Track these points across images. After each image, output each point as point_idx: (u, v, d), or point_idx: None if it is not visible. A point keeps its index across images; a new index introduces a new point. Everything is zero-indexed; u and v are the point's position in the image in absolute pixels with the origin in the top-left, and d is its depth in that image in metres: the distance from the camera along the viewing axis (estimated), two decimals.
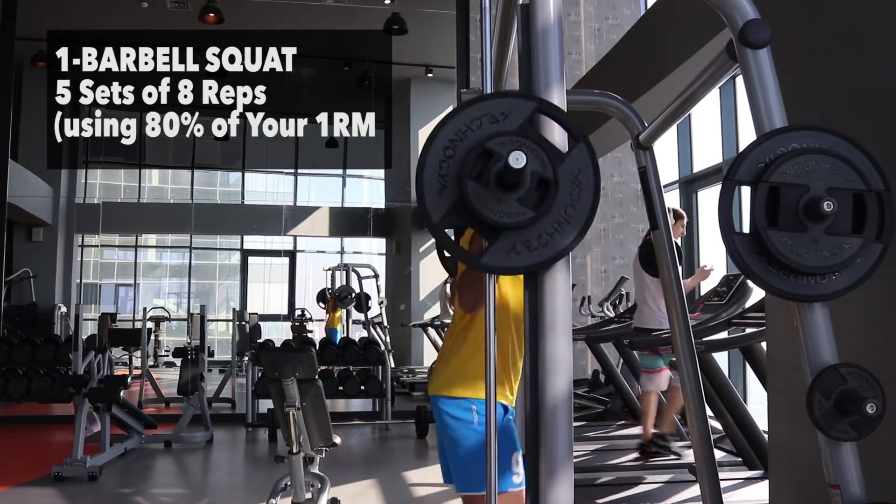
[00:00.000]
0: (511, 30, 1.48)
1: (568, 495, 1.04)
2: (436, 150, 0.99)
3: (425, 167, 0.99)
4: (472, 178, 0.96)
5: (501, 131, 0.98)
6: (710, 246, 7.44)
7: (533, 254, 0.98)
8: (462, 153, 0.98)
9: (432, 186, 0.98)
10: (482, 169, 0.96)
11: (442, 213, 0.98)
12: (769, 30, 1.31)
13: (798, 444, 2.22)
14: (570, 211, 0.99)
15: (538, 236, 0.98)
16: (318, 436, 3.33)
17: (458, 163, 0.98)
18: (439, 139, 1.00)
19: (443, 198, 0.98)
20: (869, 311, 1.82)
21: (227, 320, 10.60)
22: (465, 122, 1.00)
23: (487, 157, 0.96)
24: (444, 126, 1.00)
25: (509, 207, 0.96)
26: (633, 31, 5.32)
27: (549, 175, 0.96)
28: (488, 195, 0.96)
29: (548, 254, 0.99)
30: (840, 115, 2.01)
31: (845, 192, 1.17)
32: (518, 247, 0.98)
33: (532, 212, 0.96)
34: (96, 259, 10.65)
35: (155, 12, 8.73)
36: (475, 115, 1.00)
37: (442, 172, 0.99)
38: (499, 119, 1.00)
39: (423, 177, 0.99)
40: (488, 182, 0.96)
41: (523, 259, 0.99)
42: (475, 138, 0.99)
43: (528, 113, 1.00)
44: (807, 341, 1.23)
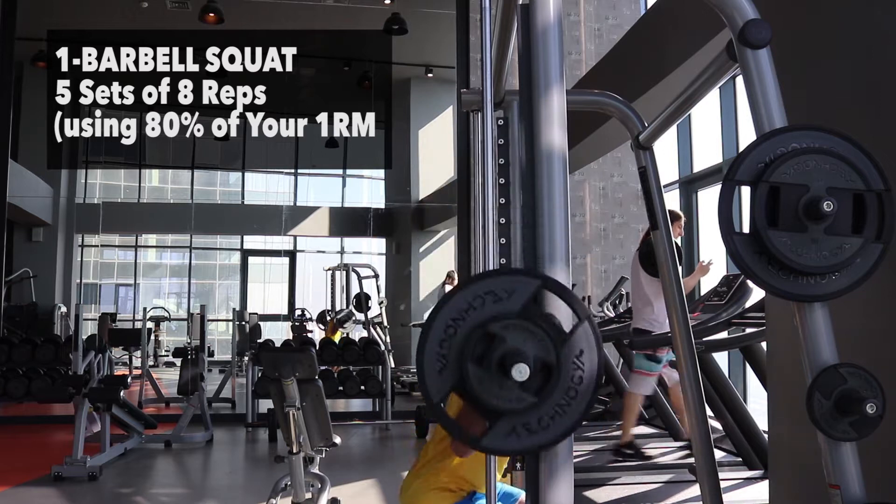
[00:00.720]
0: (511, 30, 1.48)
1: (568, 495, 1.04)
2: (437, 329, 0.98)
3: (426, 345, 0.98)
4: (474, 361, 0.96)
5: (504, 313, 0.97)
6: (710, 246, 7.44)
7: (533, 437, 0.98)
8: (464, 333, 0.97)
9: (433, 366, 0.97)
10: (484, 351, 0.96)
11: (443, 393, 0.97)
12: (769, 30, 1.31)
13: (798, 444, 2.22)
14: (571, 393, 0.98)
15: (539, 419, 0.98)
16: (318, 436, 3.34)
17: (460, 344, 0.97)
18: (441, 317, 0.98)
19: (443, 377, 0.97)
20: (869, 311, 1.82)
21: (227, 320, 10.60)
22: (467, 301, 0.99)
23: (490, 339, 0.96)
24: (446, 304, 0.99)
25: (511, 393, 0.95)
26: (633, 31, 5.32)
27: (552, 360, 0.95)
28: (489, 380, 0.95)
29: (548, 437, 0.98)
30: (840, 115, 2.01)
31: (845, 192, 1.17)
32: (518, 429, 0.98)
33: (534, 398, 0.96)
34: (96, 259, 10.65)
35: (155, 12, 8.73)
36: (478, 293, 0.99)
37: (443, 352, 0.97)
38: (502, 297, 0.99)
39: (424, 355, 0.98)
40: (490, 366, 0.95)
41: (523, 441, 0.98)
42: (477, 319, 0.98)
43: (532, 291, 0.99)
44: (807, 341, 1.23)
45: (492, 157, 1.48)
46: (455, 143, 8.41)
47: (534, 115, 1.11)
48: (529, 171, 1.13)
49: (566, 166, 1.10)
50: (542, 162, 1.10)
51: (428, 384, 0.97)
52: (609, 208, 8.47)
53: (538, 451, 1.02)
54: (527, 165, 1.15)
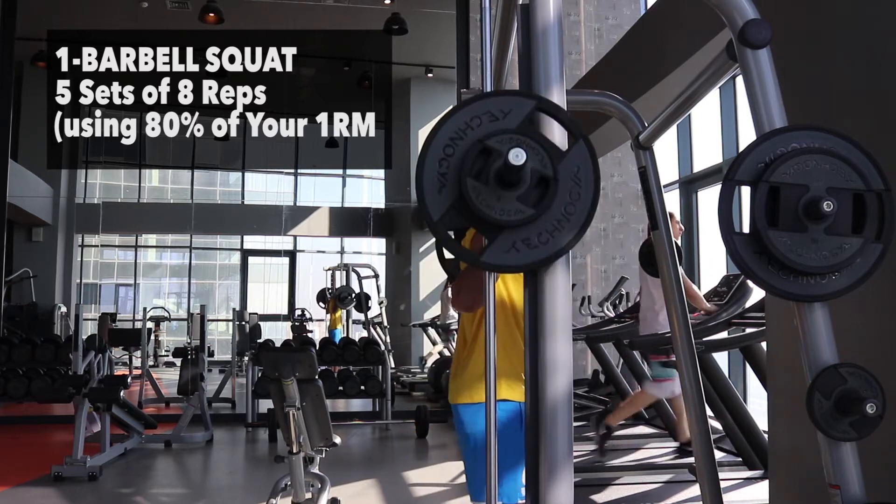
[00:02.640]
0: (511, 30, 1.48)
1: (568, 495, 1.04)
2: (435, 148, 0.99)
3: (425, 165, 0.98)
4: (472, 176, 0.96)
5: (501, 129, 0.98)
6: (710, 246, 7.44)
7: (533, 251, 0.98)
8: (462, 151, 0.98)
9: (432, 185, 0.98)
10: (482, 167, 0.96)
11: (442, 211, 0.97)
12: (769, 30, 1.31)
13: (798, 444, 2.22)
14: (569, 209, 0.98)
15: (538, 234, 0.98)
16: (318, 436, 3.33)
17: (458, 161, 0.97)
18: (439, 137, 0.99)
19: (443, 196, 0.98)
20: (869, 311, 1.82)
21: (227, 320, 10.61)
22: (464, 120, 0.99)
23: (487, 154, 0.96)
24: (444, 124, 1.00)
25: (509, 205, 0.95)
26: (633, 31, 5.32)
27: (549, 173, 0.96)
28: (488, 193, 0.95)
29: (548, 252, 0.99)
30: (840, 115, 2.01)
31: (845, 192, 1.17)
32: (518, 245, 0.98)
33: (532, 210, 0.96)
34: (96, 259, 10.66)
35: (155, 12, 8.73)
36: (475, 113, 1.00)
37: (441, 171, 0.98)
38: (498, 117, 0.99)
39: (423, 175, 0.98)
40: (488, 180, 0.95)
41: (523, 257, 0.98)
42: (475, 136, 0.98)
43: (527, 111, 1.00)
44: (807, 341, 1.23)
45: None
46: None
47: None
48: None
49: None
50: None
51: (428, 203, 0.98)
52: (609, 208, 8.46)
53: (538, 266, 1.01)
54: None
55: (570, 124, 1.01)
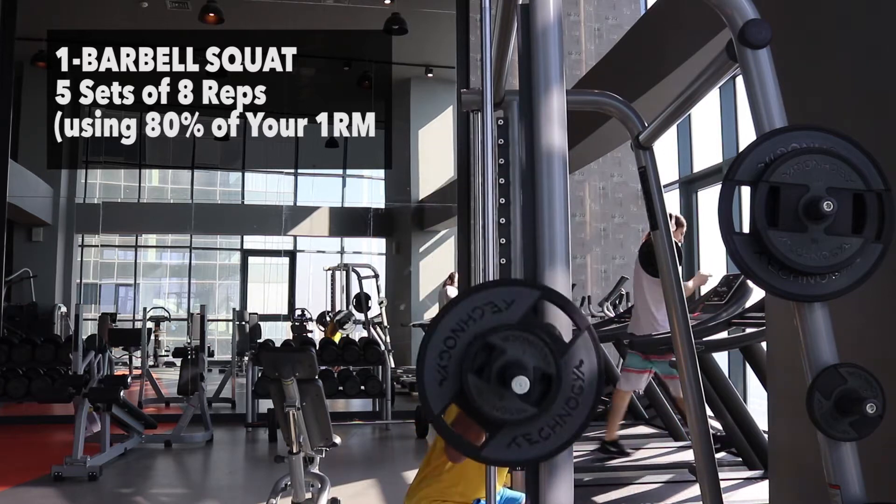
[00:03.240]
0: (511, 30, 1.48)
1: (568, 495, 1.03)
2: (437, 340, 0.97)
3: (426, 357, 0.97)
4: (473, 373, 0.95)
5: (503, 324, 0.97)
6: (710, 246, 7.44)
7: (534, 447, 0.98)
8: (463, 345, 0.97)
9: (433, 378, 0.97)
10: (484, 363, 0.95)
11: (442, 405, 0.97)
12: (769, 30, 1.31)
13: (798, 444, 2.22)
14: (571, 403, 0.97)
15: (540, 430, 0.97)
16: (318, 436, 3.34)
17: (460, 355, 0.97)
18: (440, 328, 0.98)
19: (443, 389, 0.97)
20: (869, 311, 1.82)
21: (227, 320, 10.61)
22: (466, 312, 0.99)
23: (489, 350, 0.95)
24: (446, 315, 0.98)
25: (511, 404, 0.94)
26: (633, 31, 5.32)
27: (552, 371, 0.95)
28: (489, 391, 0.95)
29: (549, 447, 0.98)
30: (840, 115, 2.01)
31: (845, 192, 1.17)
32: (519, 440, 0.97)
33: (534, 409, 0.95)
34: (96, 259, 10.66)
35: (155, 12, 8.73)
36: (477, 304, 0.99)
37: (442, 363, 0.97)
38: (501, 308, 0.99)
39: (424, 367, 0.97)
40: (490, 378, 0.95)
41: (524, 452, 0.98)
42: (476, 330, 0.98)
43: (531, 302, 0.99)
44: (807, 341, 1.23)
45: (492, 157, 1.48)
46: (455, 143, 8.41)
47: (534, 115, 1.11)
48: (529, 171, 1.13)
49: (566, 166, 1.10)
50: (542, 162, 1.10)
51: (428, 396, 0.97)
52: (609, 208, 8.46)
53: (538, 461, 1.01)
54: (527, 165, 1.15)
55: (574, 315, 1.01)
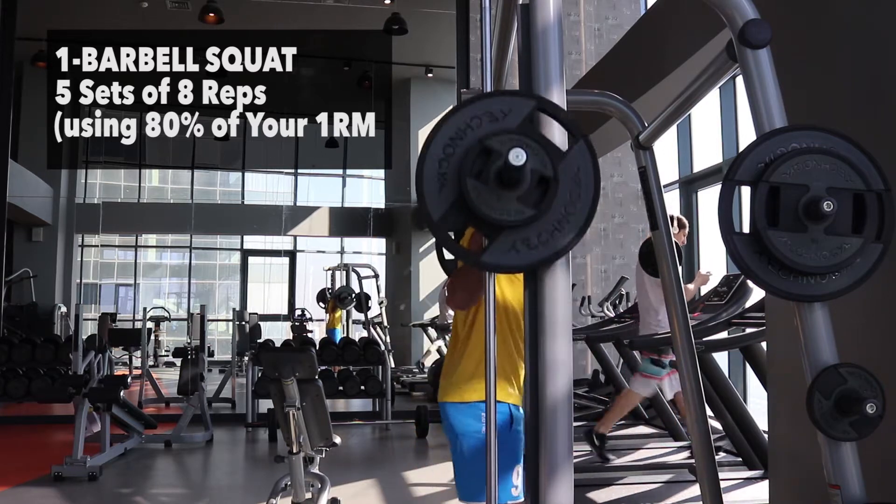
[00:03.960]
0: (511, 30, 1.48)
1: (568, 495, 1.04)
2: (435, 148, 0.98)
3: (425, 165, 0.98)
4: (472, 176, 0.96)
5: (501, 129, 0.98)
6: (710, 246, 7.44)
7: (533, 252, 0.98)
8: (462, 151, 0.98)
9: (432, 185, 0.98)
10: (482, 167, 0.96)
11: (442, 211, 0.97)
12: (769, 30, 1.31)
13: (798, 444, 2.22)
14: (569, 209, 0.98)
15: (538, 234, 0.98)
16: (318, 436, 3.33)
17: (458, 161, 0.97)
18: (439, 137, 0.99)
19: (443, 196, 0.98)
20: (869, 311, 1.82)
21: (227, 320, 10.61)
22: (464, 121, 0.99)
23: (487, 155, 0.96)
24: (444, 124, 0.99)
25: (509, 206, 0.95)
26: (633, 31, 5.32)
27: (549, 173, 0.96)
28: (488, 193, 0.95)
29: (548, 252, 0.98)
30: (840, 115, 2.01)
31: (845, 192, 1.17)
32: (518, 245, 0.98)
33: (532, 210, 0.96)
34: (96, 259, 10.66)
35: (155, 12, 8.73)
36: (475, 114, 0.99)
37: (442, 171, 0.98)
38: (499, 117, 0.99)
39: (423, 175, 0.98)
40: (488, 180, 0.95)
41: (523, 257, 0.98)
42: (475, 136, 0.98)
43: (528, 111, 1.00)
44: (807, 341, 1.23)
45: None
46: None
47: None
48: None
49: None
50: None
51: (428, 203, 0.97)
52: (609, 208, 8.46)
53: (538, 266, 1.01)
54: None
55: (570, 124, 1.01)
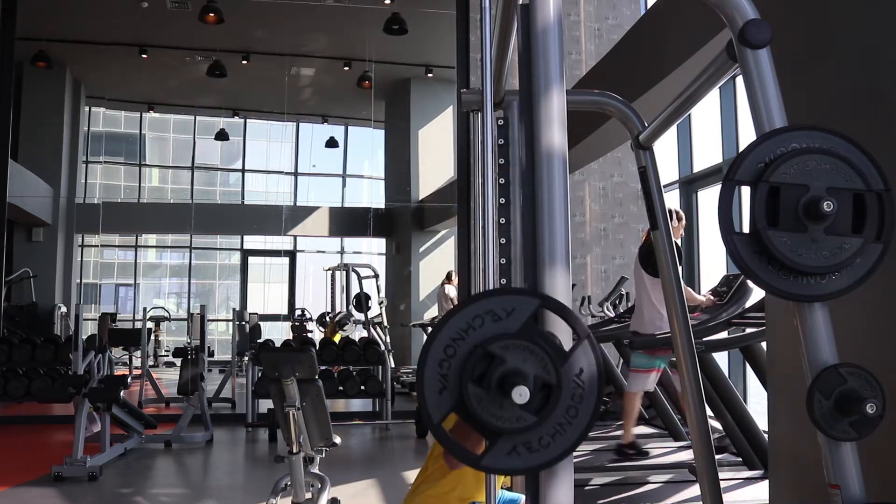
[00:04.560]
0: (511, 30, 1.48)
1: (568, 495, 1.04)
2: (436, 349, 0.97)
3: (426, 366, 0.97)
4: (473, 381, 0.95)
5: (503, 333, 0.97)
6: (710, 246, 7.44)
7: (534, 455, 0.98)
8: (463, 354, 0.97)
9: (433, 386, 0.97)
10: (483, 371, 0.95)
11: (443, 413, 0.97)
12: (769, 30, 1.31)
13: (798, 444, 2.22)
14: (571, 412, 0.98)
15: (539, 438, 0.97)
16: (318, 436, 3.34)
17: (459, 364, 0.97)
18: (440, 338, 0.98)
19: (443, 398, 0.97)
20: (869, 311, 1.82)
21: (227, 320, 10.61)
22: (466, 321, 0.99)
23: (489, 359, 0.95)
24: (446, 324, 0.99)
25: (511, 413, 0.95)
26: (633, 31, 5.31)
27: (552, 380, 0.95)
28: (489, 400, 0.95)
29: (549, 456, 0.98)
30: (840, 115, 2.01)
31: (845, 192, 1.17)
32: (519, 448, 0.97)
33: (534, 417, 0.95)
34: (96, 259, 10.66)
35: (155, 12, 8.72)
36: (477, 313, 0.99)
37: (442, 372, 0.97)
38: (501, 317, 0.99)
39: (424, 376, 0.97)
40: (490, 386, 0.95)
41: (524, 461, 0.98)
42: (476, 339, 0.97)
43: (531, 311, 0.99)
44: (807, 341, 1.23)
45: (492, 157, 1.48)
46: (455, 143, 8.41)
47: (534, 115, 1.11)
48: (529, 171, 1.13)
49: (566, 166, 1.10)
50: (542, 162, 1.10)
51: (428, 404, 0.97)
52: (609, 208, 8.46)
53: (538, 470, 1.01)
54: (527, 165, 1.15)
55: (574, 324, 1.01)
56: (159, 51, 9.51)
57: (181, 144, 11.16)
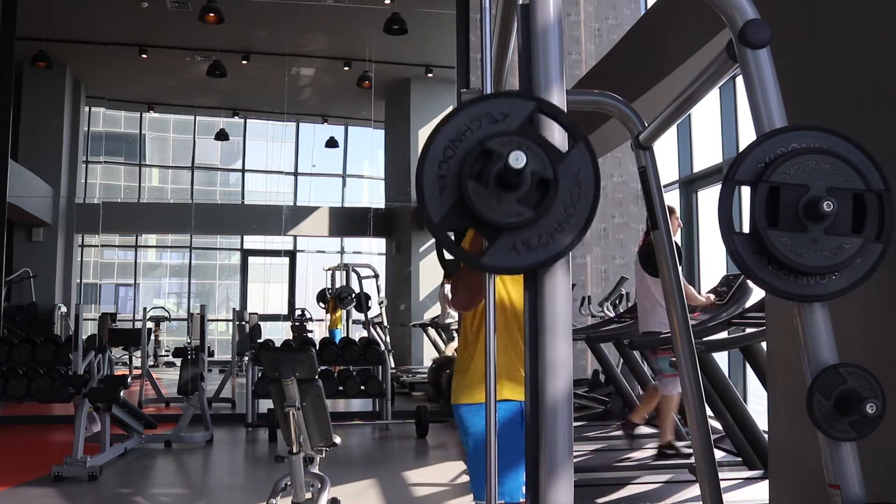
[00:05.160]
0: (511, 30, 1.48)
1: (568, 495, 1.04)
2: (435, 151, 0.99)
3: (425, 167, 0.98)
4: (473, 178, 0.96)
5: (501, 131, 0.98)
6: (710, 246, 7.44)
7: (533, 253, 0.98)
8: (462, 153, 0.98)
9: (432, 186, 0.98)
10: (482, 169, 0.96)
11: (442, 213, 0.97)
12: (769, 30, 1.31)
13: (798, 444, 2.22)
14: (570, 210, 0.98)
15: (538, 236, 0.98)
16: (318, 436, 3.33)
17: (458, 163, 0.97)
18: (439, 139, 0.99)
19: (443, 198, 0.98)
20: (869, 311, 1.82)
21: (227, 320, 10.61)
22: (464, 122, 0.99)
23: (487, 156, 0.96)
24: (444, 126, 1.00)
25: (509, 207, 0.95)
26: (633, 31, 5.31)
27: (549, 175, 0.96)
28: (488, 195, 0.95)
29: (548, 253, 0.99)
30: (840, 115, 2.01)
31: (845, 192, 1.17)
32: (518, 246, 0.98)
33: (532, 212, 0.96)
34: (96, 259, 10.66)
35: (155, 12, 8.72)
36: (475, 115, 1.00)
37: (442, 173, 0.98)
38: (498, 119, 0.99)
39: (423, 177, 0.98)
40: (488, 182, 0.95)
41: (523, 259, 0.98)
42: (475, 138, 0.98)
43: (527, 113, 1.00)
44: (807, 341, 1.23)
45: None
46: None
47: None
48: None
49: None
50: None
51: (428, 205, 0.98)
52: (609, 208, 8.46)
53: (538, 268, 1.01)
54: None
55: (570, 126, 1.01)
56: (159, 51, 9.51)
57: (181, 144, 11.17)
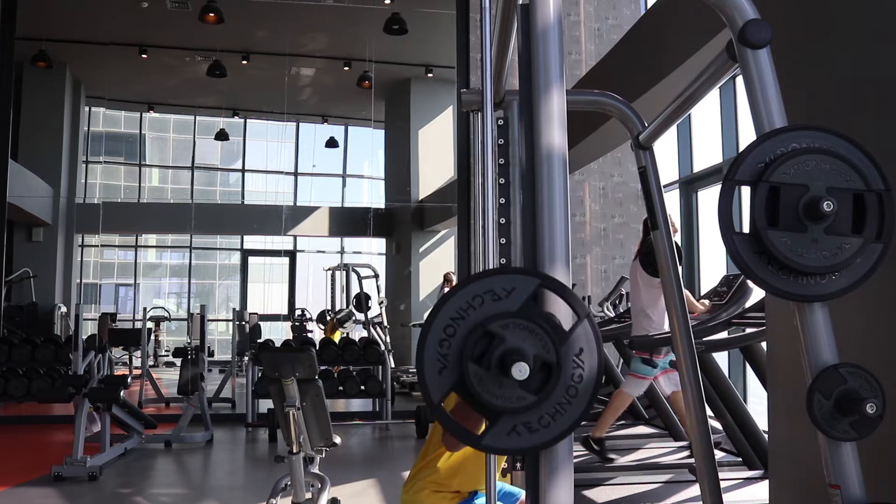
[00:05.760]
0: (511, 30, 1.48)
1: (568, 495, 1.03)
2: (437, 329, 0.97)
3: (426, 345, 0.97)
4: (473, 361, 0.95)
5: (503, 312, 0.97)
6: (710, 246, 7.44)
7: (534, 435, 0.98)
8: (463, 333, 0.97)
9: (433, 366, 0.97)
10: (484, 351, 0.95)
11: (442, 393, 0.96)
12: (769, 30, 1.31)
13: (798, 444, 2.22)
14: (571, 392, 0.97)
15: (539, 418, 0.97)
16: (318, 436, 3.34)
17: (459, 343, 0.96)
18: (440, 317, 0.98)
19: (443, 378, 0.96)
20: (869, 311, 1.82)
21: (227, 320, 10.60)
22: (466, 300, 0.98)
23: (489, 338, 0.95)
24: (446, 303, 0.98)
25: (511, 392, 0.94)
26: (633, 31, 5.31)
27: (552, 359, 0.95)
28: (489, 379, 0.94)
29: (549, 435, 0.98)
30: (840, 115, 2.01)
31: (845, 192, 1.17)
32: (519, 428, 0.97)
33: (534, 396, 0.95)
34: (96, 259, 10.65)
35: (155, 12, 8.72)
36: (477, 293, 0.98)
37: (442, 352, 0.97)
38: (501, 296, 0.98)
39: (424, 355, 0.97)
40: (490, 365, 0.94)
41: (524, 441, 0.98)
42: (476, 318, 0.97)
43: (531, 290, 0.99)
44: (807, 341, 1.23)
45: (492, 157, 1.48)
46: (455, 143, 8.41)
47: (534, 115, 1.11)
48: (529, 171, 1.13)
49: (566, 166, 1.10)
50: (542, 162, 1.10)
51: (428, 384, 0.97)
52: (609, 208, 8.47)
53: (539, 449, 1.01)
54: (527, 165, 1.15)
55: (574, 303, 1.00)
56: (159, 51, 9.51)
57: (181, 144, 11.16)
